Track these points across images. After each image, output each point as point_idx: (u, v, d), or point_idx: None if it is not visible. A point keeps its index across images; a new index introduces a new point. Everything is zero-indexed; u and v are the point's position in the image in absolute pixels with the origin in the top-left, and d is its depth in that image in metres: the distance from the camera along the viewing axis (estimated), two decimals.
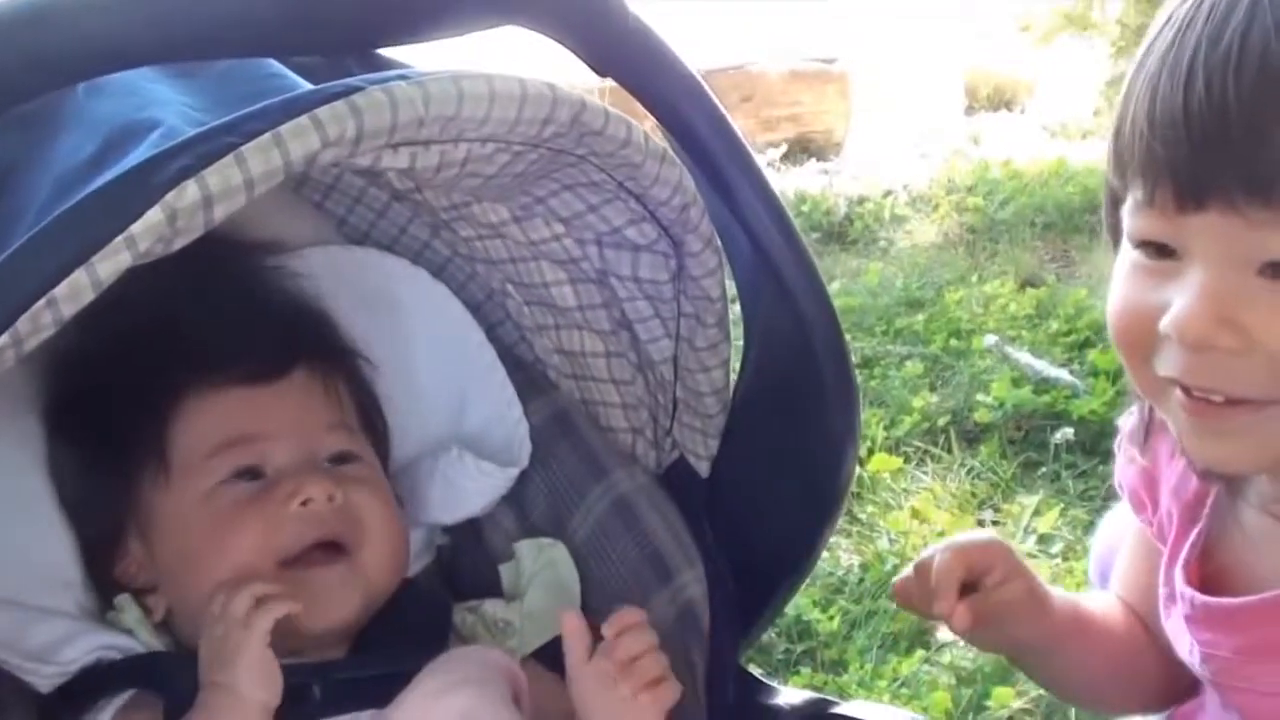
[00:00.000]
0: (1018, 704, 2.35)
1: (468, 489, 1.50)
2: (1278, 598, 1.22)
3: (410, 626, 1.39)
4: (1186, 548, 1.29)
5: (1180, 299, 1.08)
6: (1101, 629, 1.44)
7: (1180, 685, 1.42)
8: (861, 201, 5.28)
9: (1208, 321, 1.08)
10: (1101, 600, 1.48)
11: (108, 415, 1.37)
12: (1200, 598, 1.27)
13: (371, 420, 1.48)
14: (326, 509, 1.35)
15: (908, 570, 1.35)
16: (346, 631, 1.36)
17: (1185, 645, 1.30)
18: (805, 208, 5.11)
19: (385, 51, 1.28)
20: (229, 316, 1.39)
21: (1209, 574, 1.29)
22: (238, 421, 1.36)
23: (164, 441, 1.35)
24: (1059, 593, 1.42)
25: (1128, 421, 1.36)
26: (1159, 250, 1.10)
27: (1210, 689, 1.33)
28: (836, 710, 1.39)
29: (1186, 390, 1.14)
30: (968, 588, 1.31)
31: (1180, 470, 1.32)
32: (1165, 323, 1.10)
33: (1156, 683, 1.46)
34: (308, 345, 1.44)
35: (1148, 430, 1.32)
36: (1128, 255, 1.14)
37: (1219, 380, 1.12)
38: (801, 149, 6.20)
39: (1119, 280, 1.15)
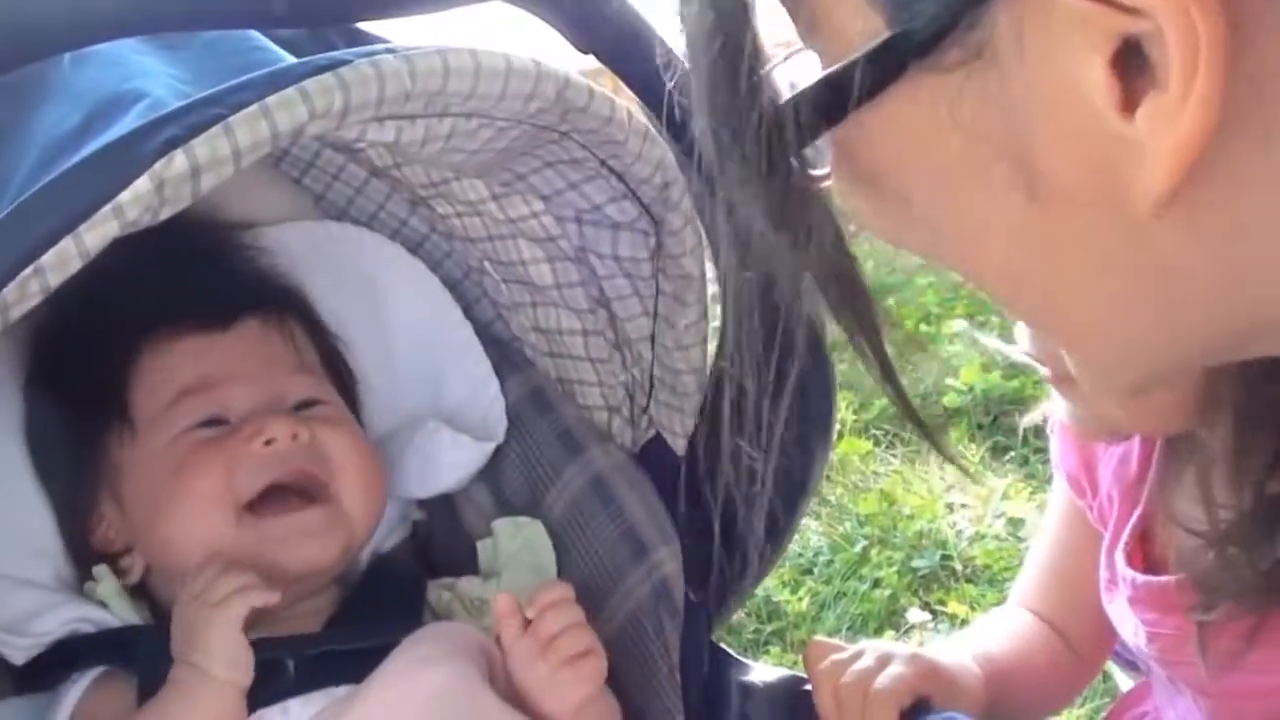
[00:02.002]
0: None
1: (443, 463, 1.50)
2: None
3: (385, 603, 1.40)
4: (1127, 530, 1.31)
5: None
6: (1027, 670, 1.46)
7: (1088, 677, 1.46)
8: None
9: None
10: (1011, 634, 1.50)
11: (72, 379, 1.37)
12: (1141, 578, 1.28)
13: (335, 366, 1.48)
14: (291, 448, 1.35)
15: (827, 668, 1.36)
16: (327, 575, 1.37)
17: (1130, 627, 1.31)
18: None
19: (369, 28, 1.29)
20: (175, 275, 1.39)
21: (1152, 555, 1.30)
22: (194, 368, 1.37)
23: (125, 397, 1.36)
24: (975, 654, 1.44)
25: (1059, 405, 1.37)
26: None
27: (1157, 668, 1.34)
28: (809, 687, 1.39)
29: None
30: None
31: (1120, 453, 1.33)
32: None
33: (1074, 683, 1.48)
34: (258, 292, 1.44)
35: None
36: None
37: (1035, 350, 1.22)
38: None
39: None
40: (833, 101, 0.59)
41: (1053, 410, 1.38)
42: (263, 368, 1.40)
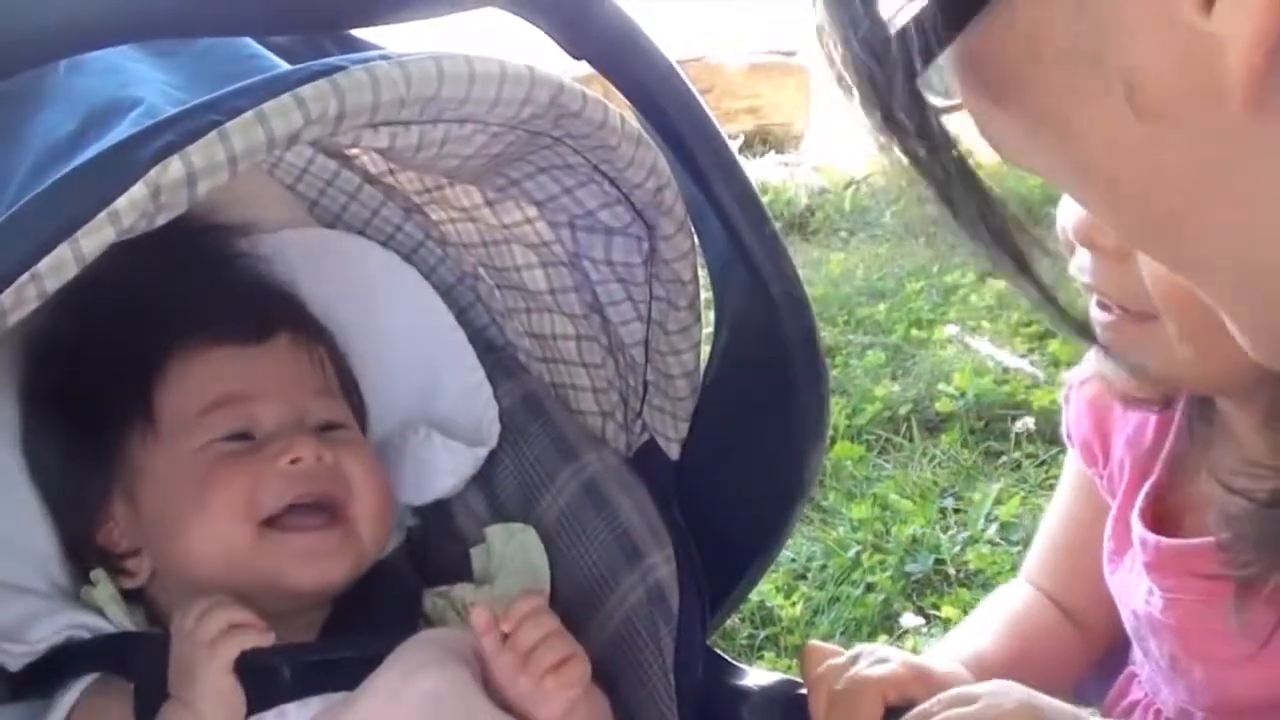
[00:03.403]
0: None
1: (436, 469, 1.51)
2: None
3: (380, 610, 1.40)
4: (1141, 497, 1.31)
5: None
6: (1026, 660, 1.46)
7: (1096, 650, 1.45)
8: (822, 193, 5.29)
9: (1088, 220, 1.16)
10: (1010, 624, 1.49)
11: (91, 380, 1.37)
12: (1166, 541, 1.28)
13: (349, 390, 1.49)
14: (316, 469, 1.36)
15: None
16: (327, 597, 1.37)
17: (1142, 594, 1.31)
18: (766, 198, 5.07)
19: (363, 34, 1.29)
20: (210, 284, 1.41)
21: (1163, 522, 1.30)
22: (227, 381, 1.37)
23: (151, 400, 1.36)
24: (967, 658, 1.44)
25: (1078, 373, 1.37)
26: None
27: (1160, 647, 1.34)
28: (804, 691, 1.39)
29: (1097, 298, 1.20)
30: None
31: (1136, 421, 1.34)
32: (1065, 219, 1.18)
33: (1079, 659, 1.48)
34: (289, 312, 1.45)
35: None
36: None
37: (1104, 283, 1.19)
38: (761, 141, 6.22)
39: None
40: (957, 10, 0.59)
41: (1069, 377, 1.38)
42: (291, 386, 1.41)
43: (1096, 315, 1.22)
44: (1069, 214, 1.18)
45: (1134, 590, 1.32)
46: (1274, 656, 1.23)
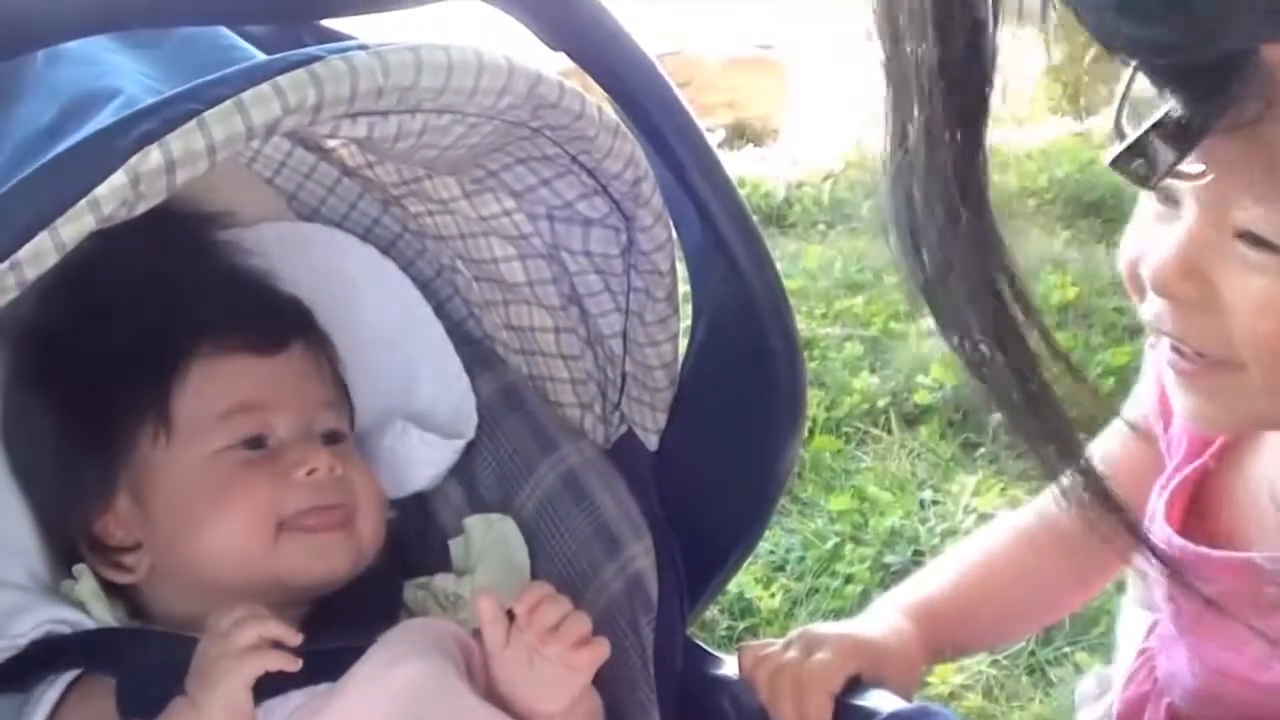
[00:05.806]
0: (958, 679, 2.38)
1: (414, 462, 1.51)
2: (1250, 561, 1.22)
3: (361, 603, 1.40)
4: (1176, 481, 1.29)
5: (1163, 246, 1.09)
6: (992, 596, 1.46)
7: (1089, 588, 1.45)
8: (800, 185, 5.28)
9: (1173, 272, 1.08)
10: (977, 560, 1.49)
11: (104, 373, 1.37)
12: (1178, 541, 1.26)
13: (343, 398, 1.49)
14: (328, 480, 1.37)
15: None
16: (317, 594, 1.38)
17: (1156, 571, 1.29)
18: (744, 191, 5.07)
19: (340, 27, 1.29)
20: (230, 288, 1.42)
21: (1192, 516, 1.29)
22: (245, 389, 1.38)
23: (167, 401, 1.36)
24: (910, 605, 1.44)
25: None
26: (1166, 197, 1.09)
27: (1166, 606, 1.33)
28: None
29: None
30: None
31: None
32: (1143, 267, 1.11)
33: (1070, 596, 1.48)
34: (302, 322, 1.46)
35: None
36: (1144, 199, 1.13)
37: (1184, 332, 1.12)
38: (739, 135, 6.21)
39: (1131, 223, 1.16)
40: None
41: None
42: (302, 396, 1.41)
43: (1171, 360, 1.16)
44: (1140, 259, 1.12)
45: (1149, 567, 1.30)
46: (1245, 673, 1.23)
